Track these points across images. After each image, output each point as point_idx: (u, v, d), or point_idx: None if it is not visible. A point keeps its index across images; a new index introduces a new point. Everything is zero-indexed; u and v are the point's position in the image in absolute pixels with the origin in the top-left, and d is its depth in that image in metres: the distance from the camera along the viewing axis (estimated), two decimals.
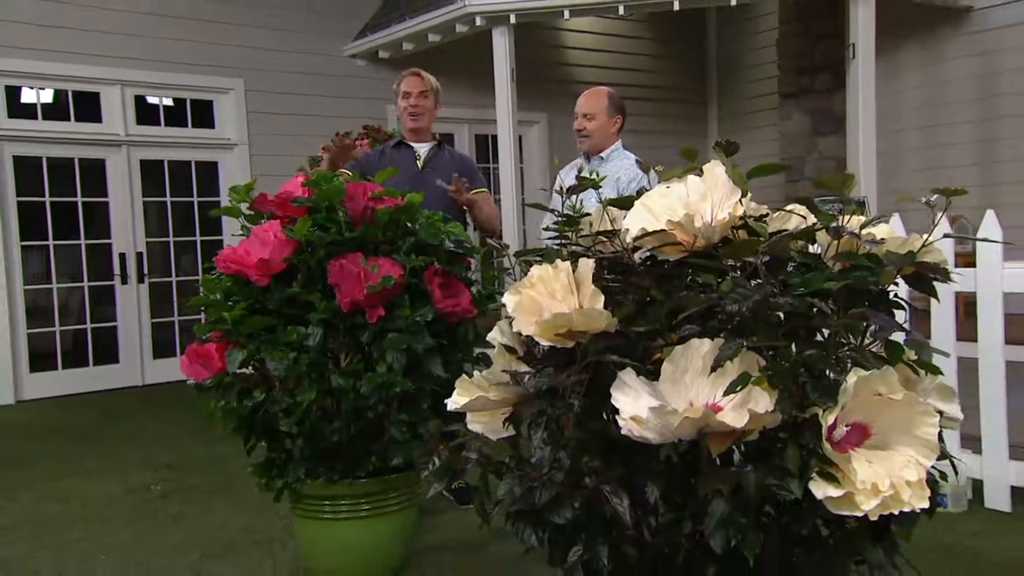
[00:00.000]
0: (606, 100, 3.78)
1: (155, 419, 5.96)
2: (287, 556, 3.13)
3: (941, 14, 7.32)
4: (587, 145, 3.82)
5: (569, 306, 1.59)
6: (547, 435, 1.52)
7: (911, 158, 7.68)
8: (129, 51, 7.16)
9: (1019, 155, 7.00)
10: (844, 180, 1.48)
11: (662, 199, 1.66)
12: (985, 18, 7.20)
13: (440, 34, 7.30)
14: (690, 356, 1.48)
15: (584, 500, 1.50)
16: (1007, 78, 7.09)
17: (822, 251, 1.56)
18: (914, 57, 7.66)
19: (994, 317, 3.26)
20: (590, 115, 3.79)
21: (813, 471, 1.37)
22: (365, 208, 2.61)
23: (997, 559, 2.87)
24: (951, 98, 7.47)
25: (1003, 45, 7.09)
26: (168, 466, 4.55)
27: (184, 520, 3.63)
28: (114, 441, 5.26)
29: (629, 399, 1.49)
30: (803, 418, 1.38)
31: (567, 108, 9.11)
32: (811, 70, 8.44)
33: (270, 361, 2.44)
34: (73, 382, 7.03)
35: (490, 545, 3.13)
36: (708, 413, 1.37)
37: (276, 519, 3.48)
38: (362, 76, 8.21)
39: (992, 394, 3.28)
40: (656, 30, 9.69)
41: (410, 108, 3.80)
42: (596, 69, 9.24)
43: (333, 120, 7.75)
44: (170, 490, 4.09)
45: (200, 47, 7.46)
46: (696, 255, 1.58)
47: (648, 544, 1.57)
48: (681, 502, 1.51)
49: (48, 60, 6.81)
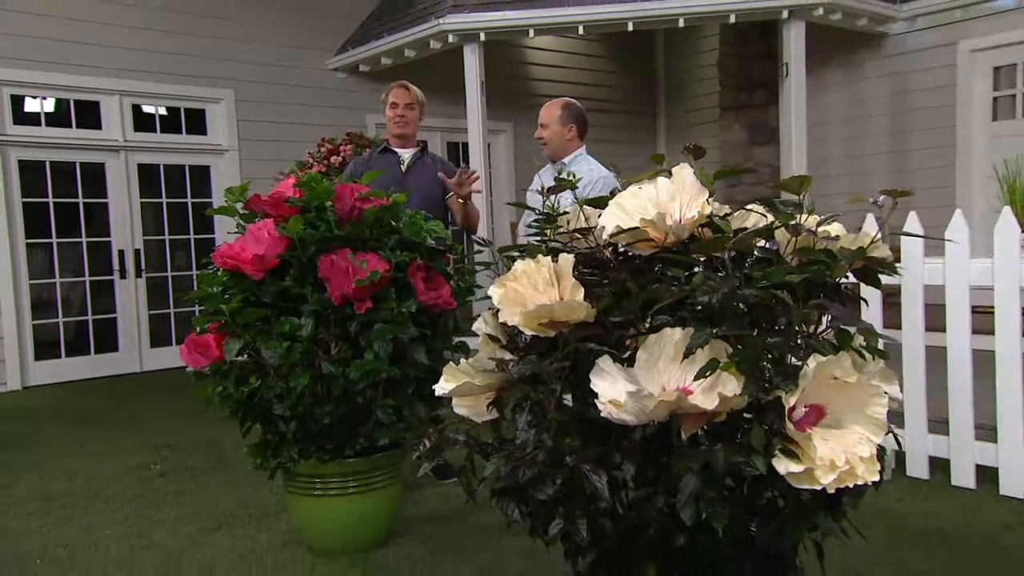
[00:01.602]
0: (559, 111, 3.74)
1: (153, 403, 5.80)
2: (280, 528, 3.05)
3: (861, 39, 7.39)
4: (547, 152, 3.83)
5: (550, 298, 1.54)
6: (531, 418, 1.48)
7: (836, 166, 7.76)
8: (127, 63, 6.96)
9: (928, 164, 7.11)
10: (801, 182, 1.46)
11: (634, 199, 1.62)
12: (899, 43, 7.29)
13: (416, 50, 7.19)
14: (663, 344, 1.45)
15: (565, 477, 1.46)
16: (917, 96, 7.19)
17: (779, 247, 1.53)
18: (838, 76, 7.74)
19: (916, 306, 3.29)
20: (545, 124, 3.78)
21: (775, 449, 1.34)
22: (353, 207, 2.53)
23: (918, 520, 2.90)
24: (869, 113, 7.56)
25: (914, 67, 7.18)
26: (167, 446, 4.43)
27: (183, 497, 3.52)
28: (115, 424, 5.11)
29: (607, 384, 1.45)
30: (767, 400, 1.35)
31: (531, 118, 9.10)
32: (748, 87, 8.48)
33: (265, 350, 2.37)
34: (76, 369, 6.82)
35: (469, 516, 3.08)
36: (681, 396, 1.33)
37: (270, 495, 3.39)
38: (343, 88, 8.07)
39: (913, 375, 3.30)
40: (610, 49, 9.67)
41: (396, 117, 3.72)
42: (556, 84, 9.20)
43: (316, 128, 7.64)
44: (169, 469, 3.97)
45: (193, 60, 7.27)
46: (666, 251, 1.54)
47: (622, 517, 1.53)
48: (653, 478, 1.48)
49: (51, 71, 6.59)
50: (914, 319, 3.28)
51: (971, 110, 6.79)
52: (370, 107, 8.09)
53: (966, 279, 3.13)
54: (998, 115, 6.73)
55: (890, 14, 7.05)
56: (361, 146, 6.00)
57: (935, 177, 6.85)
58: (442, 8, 6.69)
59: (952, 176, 6.86)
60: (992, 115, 6.75)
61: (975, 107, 6.78)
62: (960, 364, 3.17)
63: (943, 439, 3.27)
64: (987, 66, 6.74)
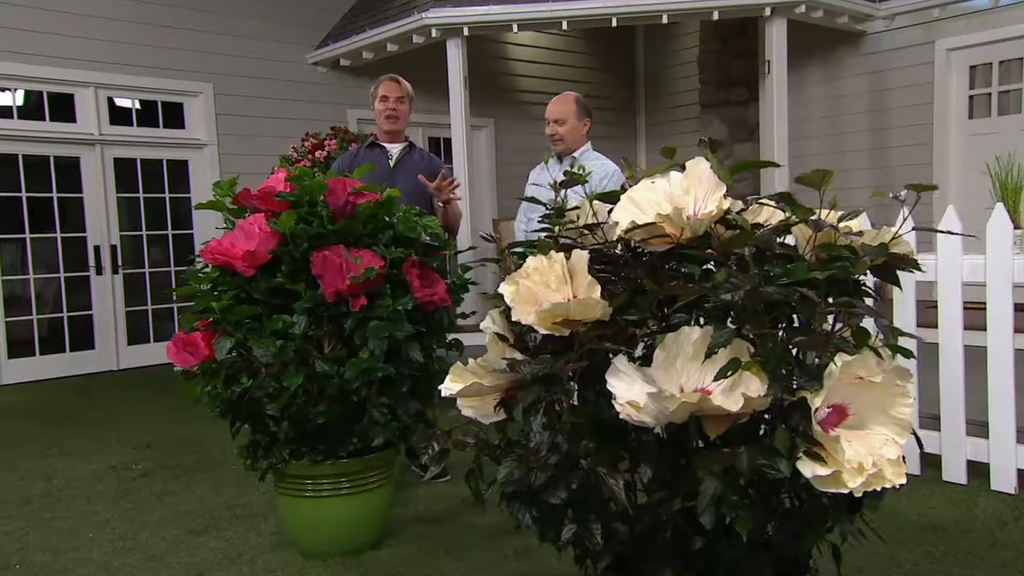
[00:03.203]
0: (574, 104, 3.58)
1: (131, 401, 5.66)
2: (270, 530, 2.96)
3: (840, 37, 7.41)
4: (560, 148, 3.58)
5: (563, 295, 1.48)
6: (546, 420, 1.42)
7: (815, 162, 7.77)
8: (101, 55, 6.77)
9: (906, 160, 7.15)
10: (823, 176, 1.41)
11: (647, 193, 1.57)
12: (877, 41, 7.32)
13: (398, 44, 7.08)
14: (680, 342, 1.40)
15: (581, 481, 1.41)
16: (896, 94, 7.23)
17: (797, 243, 1.48)
18: (817, 73, 7.76)
19: (909, 301, 3.27)
20: (561, 120, 3.56)
21: (800, 451, 1.30)
22: (346, 202, 2.45)
23: (913, 516, 2.88)
24: (848, 110, 7.58)
25: (892, 65, 7.22)
26: (148, 445, 4.31)
27: (167, 497, 3.42)
28: (93, 422, 4.97)
29: (623, 384, 1.40)
30: (791, 401, 1.31)
31: (512, 114, 9.05)
32: (728, 84, 8.48)
33: (257, 348, 2.28)
34: (51, 367, 6.64)
35: (462, 516, 3.02)
36: (704, 398, 1.28)
37: (257, 495, 3.30)
38: (323, 82, 7.94)
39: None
40: (591, 46, 9.62)
41: (387, 111, 3.60)
42: (537, 79, 9.14)
43: (297, 122, 7.51)
44: (151, 469, 3.86)
45: (170, 53, 7.11)
46: (681, 247, 1.49)
47: (637, 520, 1.48)
48: (670, 480, 1.43)
49: (23, 63, 6.39)
50: (907, 313, 3.26)
51: (948, 108, 6.83)
52: (351, 102, 7.97)
53: (959, 274, 3.12)
54: (974, 113, 6.78)
55: (869, 12, 7.07)
56: (347, 141, 5.88)
57: (913, 174, 6.89)
58: (425, 2, 6.59)
59: (930, 173, 6.90)
60: (968, 113, 6.80)
61: (952, 105, 6.83)
62: (953, 360, 3.16)
63: (934, 435, 3.27)
64: (963, 65, 6.79)
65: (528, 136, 8.92)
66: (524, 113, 9.03)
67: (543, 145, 10.46)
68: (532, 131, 9.10)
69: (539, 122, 9.11)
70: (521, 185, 3.90)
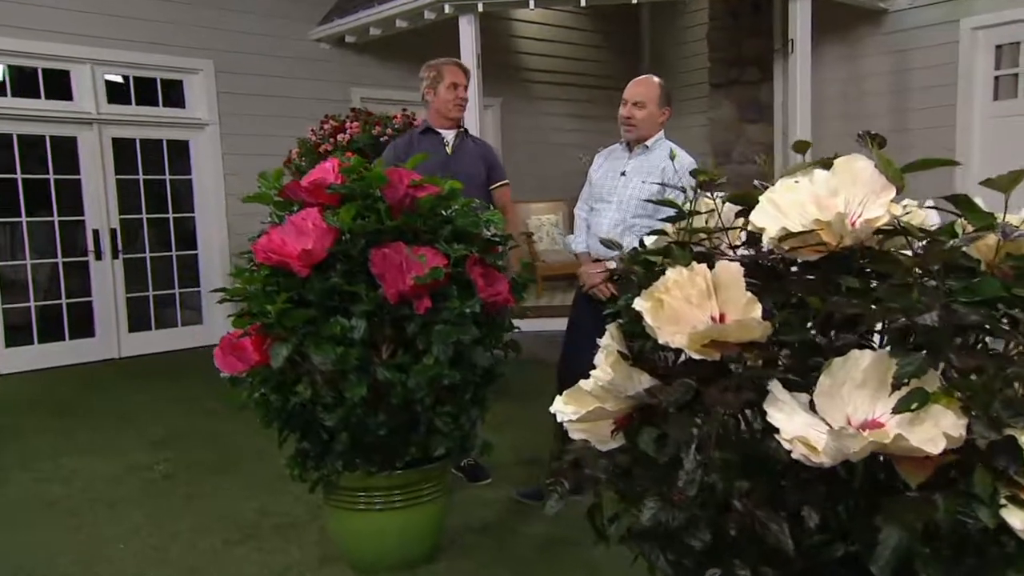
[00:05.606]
0: (658, 90, 3.15)
1: (135, 390, 5.44)
2: (312, 540, 2.79)
3: (861, 14, 7.21)
4: (633, 135, 3.14)
5: (706, 312, 1.31)
6: (699, 456, 1.25)
7: (832, 144, 7.57)
8: (98, 30, 6.46)
9: (927, 144, 6.99)
10: (1013, 179, 1.24)
11: (790, 195, 1.39)
12: (899, 20, 7.13)
13: (408, 20, 6.81)
14: (849, 368, 1.23)
15: (737, 524, 1.24)
16: (917, 75, 7.05)
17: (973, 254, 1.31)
18: (836, 52, 7.56)
19: None
20: (641, 103, 3.11)
21: (1002, 497, 1.14)
22: (405, 195, 2.25)
23: None
24: (868, 90, 7.41)
25: (914, 45, 7.04)
26: (163, 441, 4.11)
27: (195, 502, 3.23)
28: (101, 415, 4.75)
29: (784, 415, 1.22)
30: (994, 440, 1.14)
31: (519, 93, 8.79)
32: (739, 63, 8.28)
33: (316, 355, 2.09)
34: (50, 356, 6.39)
35: (511, 523, 2.86)
36: (899, 436, 1.11)
37: (294, 501, 3.12)
38: (327, 60, 7.65)
39: None
40: (596, 23, 9.36)
41: (458, 100, 3.38)
42: (543, 58, 8.90)
43: (300, 101, 7.24)
44: (173, 470, 3.66)
45: (169, 28, 6.80)
46: (834, 257, 1.32)
47: (790, 565, 1.32)
48: (836, 524, 1.26)
49: (16, 37, 6.08)
50: None
51: (972, 89, 6.67)
52: (355, 80, 7.70)
53: None
54: (1000, 95, 6.63)
55: None
56: (370, 124, 5.62)
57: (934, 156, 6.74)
58: None
59: (952, 156, 6.76)
60: (993, 94, 6.64)
61: (976, 86, 6.66)
62: None
63: None
64: (989, 44, 6.62)
65: (532, 116, 8.70)
66: (528, 92, 8.80)
67: (550, 125, 10.22)
68: (536, 111, 8.88)
69: (545, 101, 8.97)
70: (530, 165, 3.69)
